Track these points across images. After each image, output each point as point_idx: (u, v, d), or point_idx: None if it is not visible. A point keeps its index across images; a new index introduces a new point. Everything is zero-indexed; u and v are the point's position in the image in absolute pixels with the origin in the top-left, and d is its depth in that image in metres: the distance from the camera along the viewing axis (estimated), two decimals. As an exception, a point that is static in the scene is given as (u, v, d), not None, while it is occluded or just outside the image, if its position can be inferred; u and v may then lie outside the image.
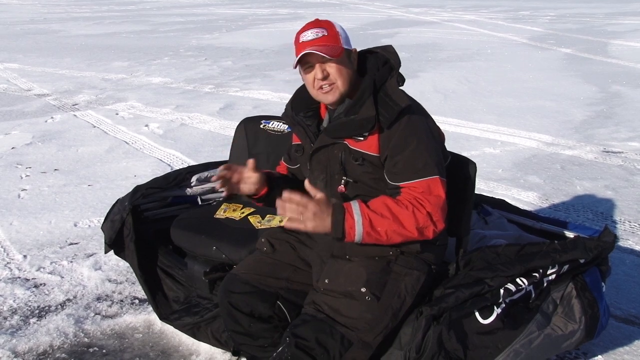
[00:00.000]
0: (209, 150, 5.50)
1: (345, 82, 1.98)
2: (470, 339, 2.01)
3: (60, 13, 21.30)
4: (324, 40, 1.94)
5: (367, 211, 1.87)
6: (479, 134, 6.07)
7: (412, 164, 1.92)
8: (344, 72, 1.98)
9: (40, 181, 4.71)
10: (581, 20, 18.66)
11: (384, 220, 1.87)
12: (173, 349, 2.63)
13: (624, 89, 8.45)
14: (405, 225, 1.87)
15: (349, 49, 2.00)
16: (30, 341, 2.66)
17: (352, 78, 2.00)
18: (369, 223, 1.86)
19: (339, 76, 1.97)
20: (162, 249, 2.77)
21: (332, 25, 2.00)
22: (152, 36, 14.60)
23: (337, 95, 1.99)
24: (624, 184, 4.66)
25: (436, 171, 1.94)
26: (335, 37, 1.97)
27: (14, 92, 8.37)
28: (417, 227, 1.88)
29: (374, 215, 1.87)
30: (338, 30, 1.99)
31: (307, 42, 1.95)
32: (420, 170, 1.92)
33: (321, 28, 1.97)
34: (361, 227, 1.85)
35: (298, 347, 1.86)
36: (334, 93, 1.99)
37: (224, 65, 10.44)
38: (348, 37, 2.02)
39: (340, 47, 1.96)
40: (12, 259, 3.42)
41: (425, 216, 1.89)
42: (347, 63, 1.99)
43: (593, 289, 2.22)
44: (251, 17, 19.67)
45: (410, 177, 1.93)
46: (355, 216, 1.85)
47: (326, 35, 1.96)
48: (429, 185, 1.92)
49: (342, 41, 1.98)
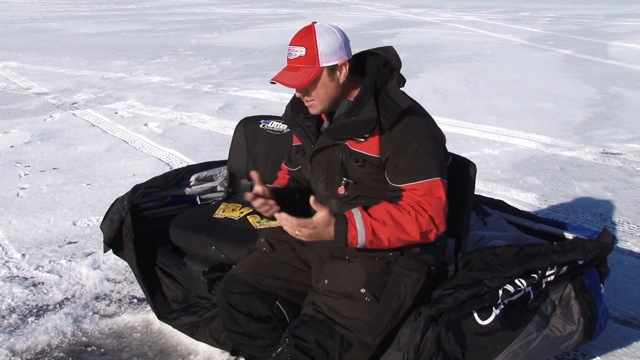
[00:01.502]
0: (208, 149, 5.49)
1: (322, 101, 1.99)
2: (469, 340, 2.01)
3: (59, 12, 21.28)
4: (299, 62, 1.94)
5: (369, 220, 1.88)
6: (478, 135, 6.08)
7: (413, 165, 1.92)
8: (321, 91, 1.97)
9: (39, 180, 4.70)
10: (581, 21, 18.68)
11: (387, 228, 1.87)
12: (171, 348, 2.63)
13: (623, 91, 8.46)
14: (408, 231, 1.88)
15: (333, 65, 1.94)
16: (28, 340, 2.66)
17: (334, 93, 1.99)
18: (371, 232, 1.87)
19: (316, 96, 1.98)
20: (161, 248, 2.77)
21: (313, 43, 1.93)
22: (151, 35, 14.59)
23: (319, 110, 2.02)
24: (623, 185, 4.67)
25: (437, 173, 1.93)
26: (312, 58, 1.93)
27: (13, 90, 8.36)
28: (420, 232, 1.89)
29: (377, 224, 1.87)
30: (319, 48, 1.92)
31: (288, 59, 1.98)
32: (421, 172, 1.92)
33: (301, 47, 1.94)
34: (364, 237, 1.86)
35: (297, 347, 1.86)
36: (315, 108, 2.02)
37: (224, 65, 10.44)
38: (341, 48, 1.95)
39: (314, 69, 1.92)
40: (11, 258, 3.42)
41: (428, 220, 1.89)
42: (326, 81, 1.95)
43: (592, 291, 2.22)
44: (251, 17, 19.66)
45: (412, 179, 1.93)
46: (357, 226, 1.86)
47: (303, 56, 1.93)
48: (431, 187, 1.92)
49: (322, 60, 1.92)
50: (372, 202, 1.97)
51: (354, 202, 2.04)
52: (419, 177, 1.92)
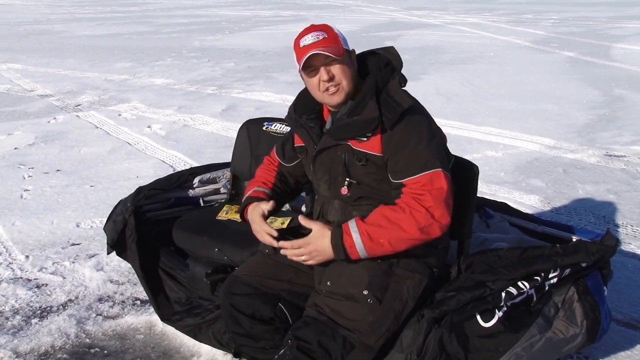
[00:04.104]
0: (211, 151, 5.50)
1: (349, 82, 1.99)
2: (472, 342, 2.01)
3: (63, 14, 21.34)
4: (326, 42, 1.95)
5: (364, 226, 1.87)
6: (481, 137, 6.07)
7: (414, 160, 1.92)
8: (348, 72, 1.98)
9: (43, 182, 4.72)
10: (584, 23, 18.65)
11: (383, 230, 1.87)
12: (174, 350, 2.64)
13: (626, 93, 8.44)
14: (406, 229, 1.87)
15: (349, 50, 2.02)
16: (31, 342, 2.67)
17: (355, 78, 2.01)
18: (367, 237, 1.86)
19: (344, 77, 1.97)
20: (164, 250, 2.78)
21: (330, 28, 2.01)
22: (155, 37, 14.62)
23: (343, 95, 2.00)
24: (626, 187, 4.66)
25: (439, 164, 1.93)
26: (335, 39, 1.98)
27: (17, 92, 8.38)
28: (419, 227, 1.87)
29: (372, 228, 1.87)
30: (337, 32, 2.00)
31: (308, 45, 1.95)
32: (422, 165, 1.92)
33: (320, 31, 1.98)
34: (361, 243, 1.87)
35: (300, 349, 1.86)
36: (340, 94, 1.99)
37: (227, 67, 10.45)
38: (346, 39, 2.03)
39: (342, 48, 1.97)
40: (15, 259, 3.42)
41: (425, 214, 1.87)
42: (349, 63, 2.00)
43: (595, 293, 2.21)
44: (254, 19, 19.68)
45: (413, 172, 1.92)
46: (352, 234, 1.87)
47: (326, 37, 1.96)
48: (432, 177, 1.91)
49: (342, 42, 2.00)
50: (375, 204, 1.97)
51: (357, 203, 2.04)
52: (420, 170, 1.92)
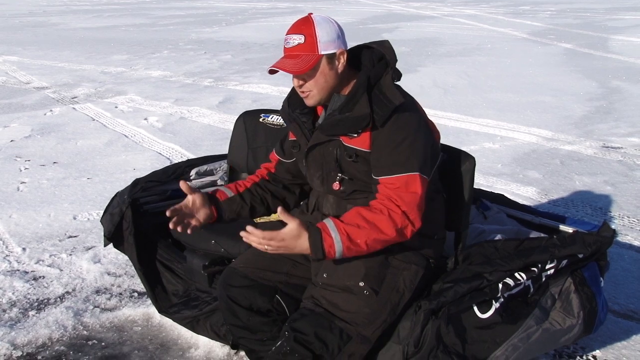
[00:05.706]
0: (208, 143, 5.49)
1: (321, 90, 1.97)
2: (469, 333, 2.02)
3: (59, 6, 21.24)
4: (298, 50, 1.92)
5: (342, 226, 1.84)
6: (478, 129, 6.07)
7: (393, 159, 1.90)
8: (320, 80, 1.95)
9: (40, 174, 4.70)
10: (582, 15, 18.63)
11: (362, 231, 1.84)
12: (172, 342, 2.64)
13: (624, 85, 8.44)
14: (383, 230, 1.85)
15: (332, 53, 1.94)
16: (29, 334, 2.66)
17: (333, 82, 1.97)
18: (347, 237, 1.83)
19: (314, 85, 1.96)
20: (161, 242, 2.77)
21: (312, 31, 1.93)
22: (151, 29, 14.56)
23: (315, 101, 2.00)
24: (623, 179, 4.66)
25: (417, 168, 1.90)
26: (311, 45, 1.92)
27: (13, 84, 8.35)
28: (396, 228, 1.86)
29: (351, 228, 1.84)
30: (318, 36, 1.92)
31: (285, 49, 1.96)
32: (400, 166, 1.90)
33: (300, 34, 1.93)
34: (340, 243, 1.83)
35: (297, 341, 1.86)
36: (311, 99, 2.00)
37: (224, 59, 10.43)
38: (338, 37, 1.95)
39: (313, 57, 1.92)
40: (11, 252, 3.42)
41: (401, 215, 1.86)
42: (326, 69, 1.94)
43: (591, 284, 2.22)
44: (251, 11, 19.62)
45: (390, 172, 1.90)
46: (332, 234, 1.83)
47: (302, 43, 1.92)
48: (407, 181, 1.89)
49: (321, 47, 1.92)
50: (371, 197, 1.96)
51: (351, 197, 2.03)
52: (397, 170, 1.90)
